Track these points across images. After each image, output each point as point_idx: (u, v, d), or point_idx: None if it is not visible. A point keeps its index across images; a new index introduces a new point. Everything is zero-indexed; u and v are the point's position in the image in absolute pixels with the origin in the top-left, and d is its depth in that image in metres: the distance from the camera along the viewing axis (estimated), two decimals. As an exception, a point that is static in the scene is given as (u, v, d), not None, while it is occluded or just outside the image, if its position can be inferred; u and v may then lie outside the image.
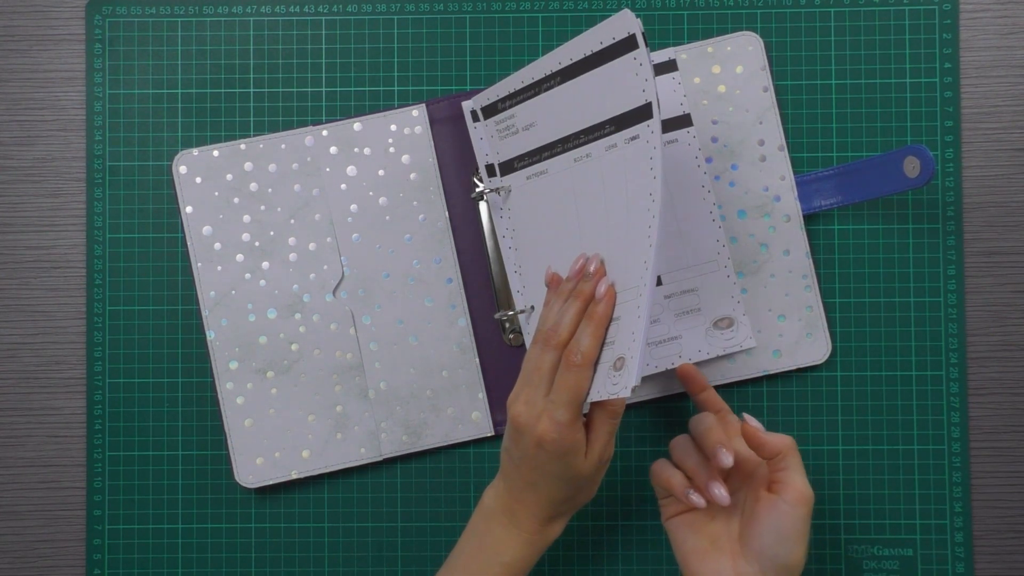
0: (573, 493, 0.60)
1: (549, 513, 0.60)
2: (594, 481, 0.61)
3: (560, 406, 0.57)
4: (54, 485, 0.71)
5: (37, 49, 0.71)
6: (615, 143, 0.60)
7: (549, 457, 0.58)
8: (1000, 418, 0.70)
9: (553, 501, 0.60)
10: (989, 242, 0.70)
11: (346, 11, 0.71)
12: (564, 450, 0.57)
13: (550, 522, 0.61)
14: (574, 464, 0.58)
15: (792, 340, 0.69)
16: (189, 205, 0.70)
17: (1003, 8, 0.71)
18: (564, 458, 0.58)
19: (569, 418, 0.57)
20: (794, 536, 0.59)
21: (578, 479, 0.59)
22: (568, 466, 0.58)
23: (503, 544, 0.60)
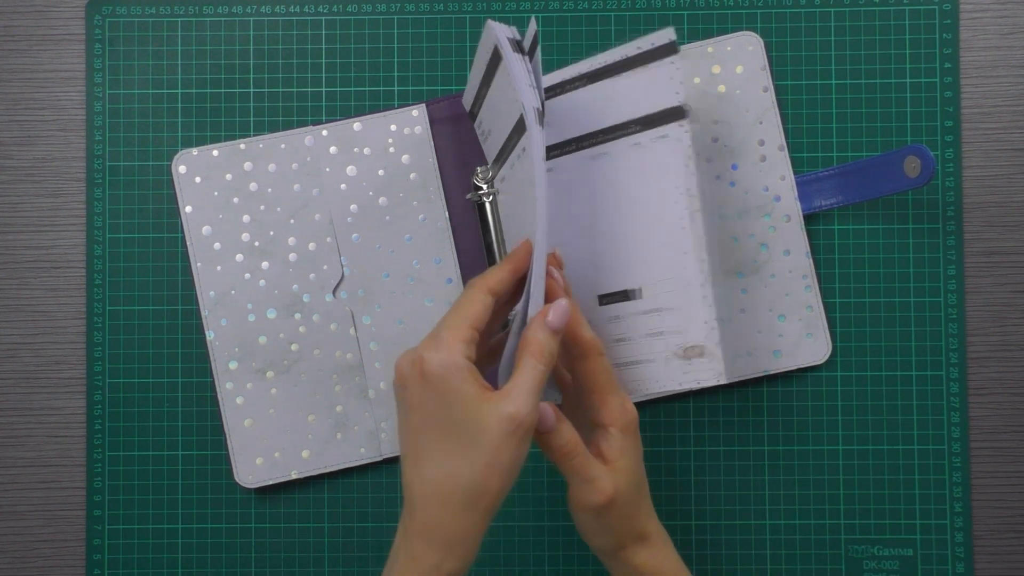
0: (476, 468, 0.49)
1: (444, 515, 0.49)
2: (501, 452, 0.49)
3: (445, 327, 0.50)
4: (54, 485, 0.71)
5: (37, 49, 0.71)
6: (640, 142, 0.60)
7: (436, 393, 0.49)
8: (1000, 418, 0.70)
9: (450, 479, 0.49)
10: (989, 242, 0.70)
11: (346, 11, 0.71)
12: (448, 371, 0.49)
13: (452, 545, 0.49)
14: (466, 399, 0.49)
15: (792, 340, 0.69)
16: (189, 205, 0.70)
17: (1003, 8, 0.71)
18: (452, 386, 0.49)
19: (452, 335, 0.50)
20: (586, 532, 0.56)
21: (475, 435, 0.49)
22: (459, 403, 0.49)
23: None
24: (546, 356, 0.51)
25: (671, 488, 0.70)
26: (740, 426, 0.70)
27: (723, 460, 0.70)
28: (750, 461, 0.70)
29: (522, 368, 0.51)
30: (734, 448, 0.70)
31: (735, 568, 0.70)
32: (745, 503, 0.70)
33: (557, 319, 0.52)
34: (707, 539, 0.70)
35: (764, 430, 0.70)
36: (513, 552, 0.70)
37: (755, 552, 0.70)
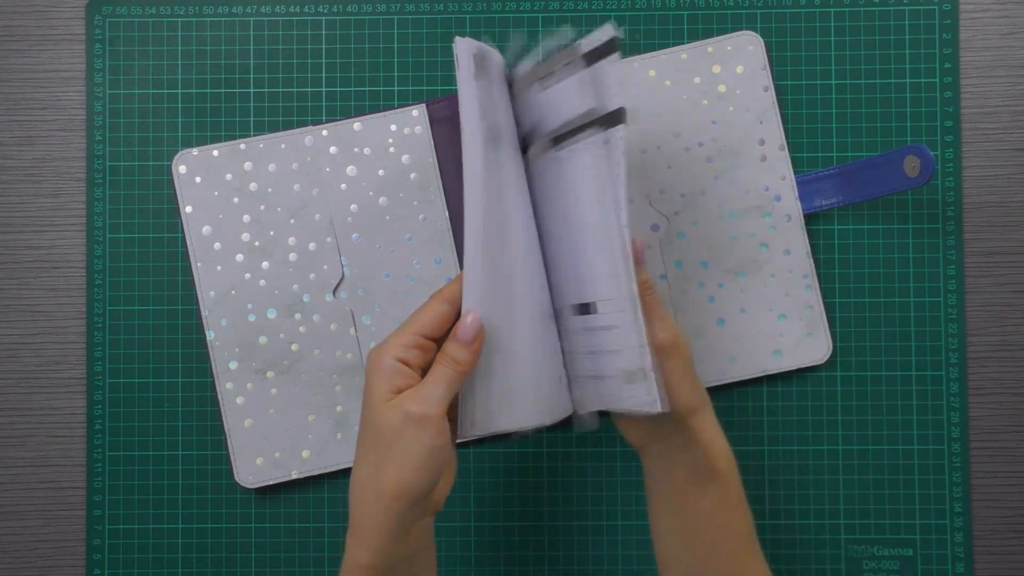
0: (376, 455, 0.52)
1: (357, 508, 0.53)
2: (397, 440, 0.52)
3: (393, 331, 0.55)
4: (54, 485, 0.71)
5: (37, 49, 0.71)
6: (587, 147, 0.58)
7: (365, 391, 0.54)
8: (1000, 418, 0.70)
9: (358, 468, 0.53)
10: (989, 242, 0.70)
11: (346, 11, 0.71)
12: (373, 371, 0.53)
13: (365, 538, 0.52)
14: (377, 395, 0.53)
15: (793, 340, 0.69)
16: (189, 205, 0.70)
17: (1003, 8, 0.71)
18: (371, 384, 0.53)
19: (390, 340, 0.54)
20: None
21: (379, 425, 0.52)
22: (371, 398, 0.53)
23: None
24: (451, 361, 0.54)
25: (671, 488, 0.70)
26: (740, 426, 0.70)
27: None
28: (750, 461, 0.70)
29: (432, 370, 0.54)
30: (734, 448, 0.70)
31: (735, 568, 0.70)
32: (745, 503, 0.70)
33: (467, 334, 0.54)
34: (707, 539, 0.70)
35: (764, 430, 0.70)
36: (513, 552, 0.70)
37: (755, 552, 0.70)
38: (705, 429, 0.58)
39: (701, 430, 0.57)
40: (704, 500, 0.58)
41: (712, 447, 0.58)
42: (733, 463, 0.58)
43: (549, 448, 0.70)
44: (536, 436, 0.70)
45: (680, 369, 0.57)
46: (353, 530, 0.53)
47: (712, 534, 0.58)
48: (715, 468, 0.58)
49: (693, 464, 0.58)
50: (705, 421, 0.58)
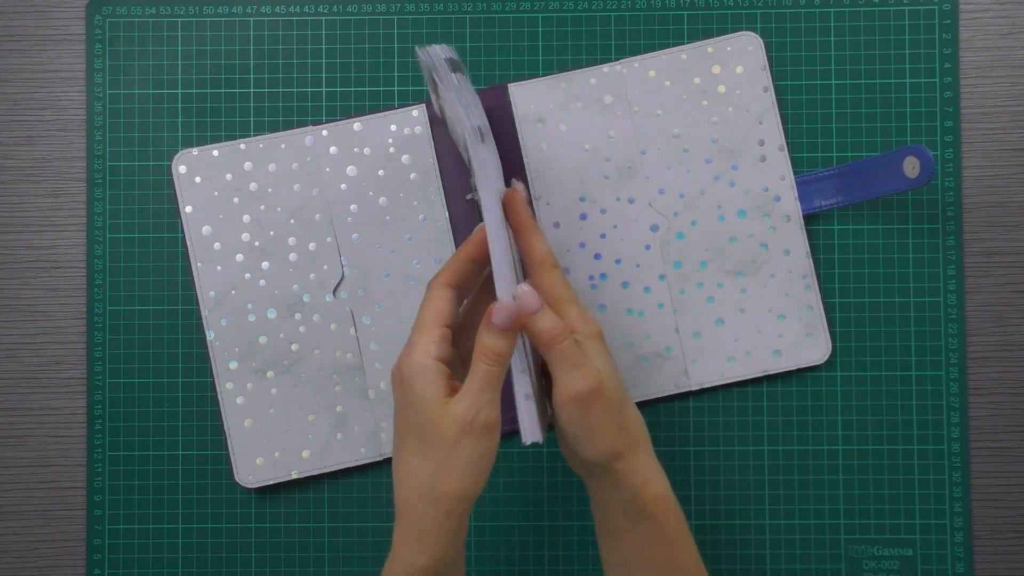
0: (433, 465, 0.52)
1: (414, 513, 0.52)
2: (456, 450, 0.51)
3: (415, 330, 0.53)
4: (54, 485, 0.71)
5: (37, 49, 0.71)
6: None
7: (407, 397, 0.52)
8: (1000, 418, 0.70)
9: (412, 477, 0.52)
10: (989, 242, 0.70)
11: (346, 11, 0.71)
12: (414, 376, 0.52)
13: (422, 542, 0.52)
14: (427, 402, 0.51)
15: (792, 340, 0.69)
16: (189, 205, 0.70)
17: (1003, 8, 0.71)
18: (416, 391, 0.52)
19: (420, 339, 0.53)
20: (578, 435, 0.54)
21: (435, 434, 0.51)
22: (421, 405, 0.52)
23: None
24: (492, 356, 0.52)
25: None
26: (740, 426, 0.70)
27: (723, 460, 0.70)
28: (750, 461, 0.70)
29: (472, 370, 0.52)
30: (734, 448, 0.70)
31: (735, 568, 0.70)
32: (745, 503, 0.70)
33: (500, 319, 0.52)
34: (707, 539, 0.70)
35: (764, 430, 0.70)
36: (513, 552, 0.70)
37: (755, 552, 0.70)
38: (632, 473, 0.55)
39: (627, 474, 0.55)
40: (637, 535, 0.56)
41: (641, 491, 0.55)
42: (667, 502, 0.56)
43: (549, 448, 0.70)
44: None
45: (601, 416, 0.54)
46: (406, 534, 0.53)
47: (653, 567, 0.56)
48: (644, 511, 0.56)
49: (621, 503, 0.56)
50: (633, 464, 0.55)
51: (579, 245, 0.70)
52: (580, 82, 0.70)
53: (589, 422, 0.54)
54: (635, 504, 0.56)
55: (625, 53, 0.71)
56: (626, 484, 0.55)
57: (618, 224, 0.70)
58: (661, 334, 0.70)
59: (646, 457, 0.56)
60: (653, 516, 0.56)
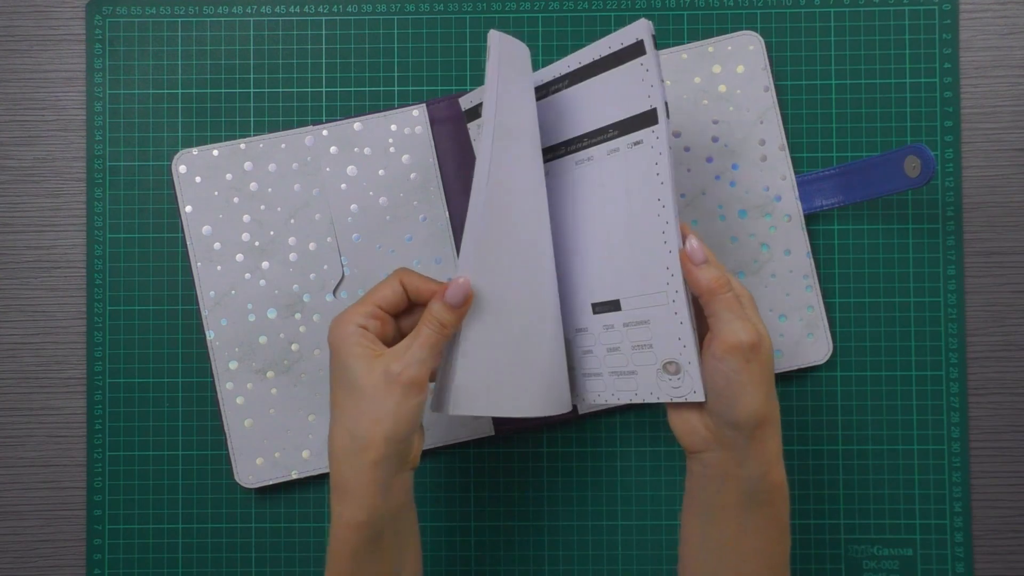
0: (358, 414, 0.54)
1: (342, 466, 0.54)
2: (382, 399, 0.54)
3: (356, 302, 0.57)
4: (54, 485, 0.71)
5: (37, 49, 0.71)
6: (617, 147, 0.59)
7: (333, 358, 0.56)
8: (1000, 418, 0.70)
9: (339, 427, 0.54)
10: (989, 242, 0.70)
11: (346, 11, 0.71)
12: (340, 339, 0.55)
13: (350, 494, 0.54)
14: (353, 358, 0.54)
15: (793, 340, 0.69)
16: (189, 205, 0.70)
17: (1003, 8, 0.71)
18: (341, 350, 0.55)
19: (350, 310, 0.56)
20: (730, 390, 0.54)
21: (360, 385, 0.54)
22: (347, 361, 0.54)
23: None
24: (436, 324, 0.55)
25: (671, 488, 0.70)
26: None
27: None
28: (750, 461, 0.70)
29: (415, 331, 0.55)
30: (734, 448, 0.70)
31: (735, 568, 0.70)
32: (745, 503, 0.70)
33: (454, 297, 0.55)
34: (707, 539, 0.70)
35: (764, 430, 0.70)
36: (513, 552, 0.70)
37: (755, 552, 0.70)
38: (769, 445, 0.55)
39: (765, 445, 0.55)
40: (749, 520, 0.56)
41: (770, 471, 0.55)
42: (785, 491, 0.56)
43: (549, 448, 0.70)
44: (536, 436, 0.70)
45: (757, 374, 0.54)
46: (338, 492, 0.55)
47: (748, 555, 0.56)
48: (771, 490, 0.55)
49: (746, 481, 0.55)
50: (772, 436, 0.55)
51: (579, 245, 0.70)
52: (580, 82, 0.70)
53: (747, 376, 0.54)
54: (762, 483, 0.55)
55: (625, 53, 0.71)
56: (760, 458, 0.55)
57: (618, 224, 0.70)
58: (661, 334, 0.70)
59: (779, 437, 0.56)
60: (772, 502, 0.56)
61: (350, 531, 0.54)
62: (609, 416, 0.70)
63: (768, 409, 0.55)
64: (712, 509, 0.57)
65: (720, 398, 0.55)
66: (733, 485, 0.56)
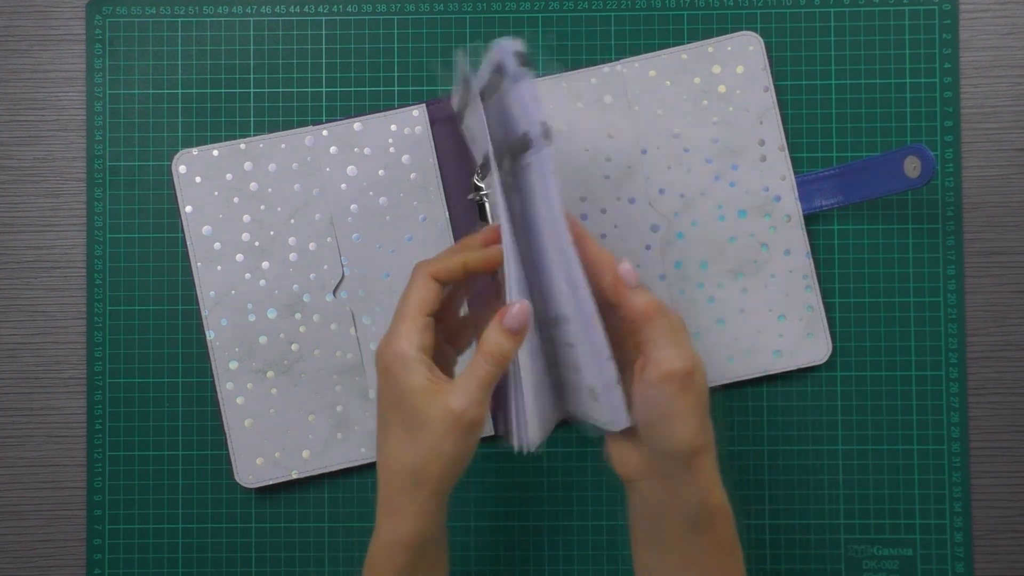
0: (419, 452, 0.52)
1: (396, 492, 0.53)
2: (443, 442, 0.52)
3: (397, 317, 0.54)
4: (54, 485, 0.71)
5: (37, 49, 0.71)
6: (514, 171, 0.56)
7: (389, 383, 0.53)
8: (1000, 418, 0.70)
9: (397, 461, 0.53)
10: (989, 242, 0.70)
11: (346, 11, 0.71)
12: (396, 363, 0.52)
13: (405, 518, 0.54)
14: (411, 390, 0.52)
15: (793, 340, 0.69)
16: (189, 205, 0.70)
17: (1003, 8, 0.71)
18: (399, 378, 0.52)
19: (402, 328, 0.53)
20: (665, 419, 0.52)
21: (420, 422, 0.52)
22: (405, 392, 0.52)
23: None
24: (497, 357, 0.53)
25: (671, 488, 0.70)
26: (740, 426, 0.70)
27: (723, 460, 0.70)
28: (750, 461, 0.70)
29: (472, 365, 0.53)
30: (734, 448, 0.70)
31: (735, 568, 0.70)
32: (745, 503, 0.70)
33: (513, 322, 0.53)
34: (707, 539, 0.70)
35: (764, 430, 0.70)
36: (513, 552, 0.70)
37: (755, 552, 0.70)
38: (706, 474, 0.54)
39: (701, 474, 0.53)
40: (693, 547, 0.55)
41: (709, 497, 0.54)
42: (727, 512, 0.55)
43: (549, 448, 0.70)
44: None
45: (690, 402, 0.52)
46: (390, 512, 0.54)
47: (702, 574, 0.55)
48: (712, 515, 0.54)
49: (686, 508, 0.54)
50: (709, 464, 0.54)
51: (579, 245, 0.69)
52: (580, 82, 0.70)
53: (682, 405, 0.52)
54: (702, 510, 0.54)
55: (625, 53, 0.71)
56: (697, 485, 0.53)
57: (618, 224, 0.70)
58: (661, 334, 0.69)
59: (715, 462, 0.55)
60: (714, 527, 0.55)
61: (398, 549, 0.54)
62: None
63: (704, 437, 0.53)
64: (656, 538, 0.56)
65: (654, 427, 0.53)
66: (673, 514, 0.55)
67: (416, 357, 0.53)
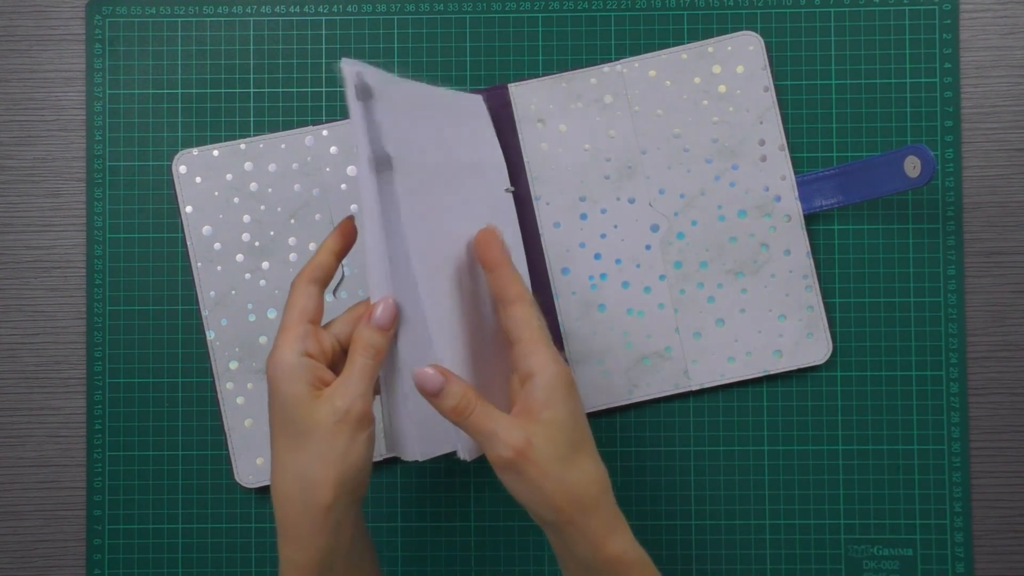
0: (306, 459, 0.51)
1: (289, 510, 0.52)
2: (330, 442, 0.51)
3: (280, 329, 0.53)
4: (54, 485, 0.71)
5: (37, 49, 0.71)
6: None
7: (272, 394, 0.52)
8: (1000, 418, 0.70)
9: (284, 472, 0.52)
10: (989, 242, 0.70)
11: (346, 11, 0.71)
12: (278, 373, 0.51)
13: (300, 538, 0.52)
14: (294, 398, 0.51)
15: (793, 340, 0.69)
16: (189, 205, 0.70)
17: (1003, 8, 0.71)
18: (281, 387, 0.51)
19: (283, 338, 0.52)
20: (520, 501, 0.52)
21: (306, 428, 0.51)
22: (288, 401, 0.51)
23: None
24: (370, 351, 0.53)
25: (671, 488, 0.70)
26: (740, 426, 0.70)
27: (723, 460, 0.70)
28: (750, 461, 0.70)
29: (348, 361, 0.53)
30: (734, 448, 0.70)
31: (735, 568, 0.70)
32: (745, 503, 0.70)
33: (382, 318, 0.53)
34: (707, 539, 0.70)
35: (764, 430, 0.70)
36: (513, 552, 0.70)
37: (755, 552, 0.70)
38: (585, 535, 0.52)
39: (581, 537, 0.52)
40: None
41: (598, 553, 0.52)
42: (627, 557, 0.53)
43: (549, 448, 0.70)
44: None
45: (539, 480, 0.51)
46: (285, 536, 0.52)
47: None
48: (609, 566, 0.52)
49: (580, 559, 0.53)
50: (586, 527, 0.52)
51: (579, 245, 0.70)
52: (580, 82, 0.70)
53: (526, 487, 0.51)
54: (596, 563, 0.52)
55: (625, 53, 0.71)
56: (580, 545, 0.52)
57: (618, 224, 0.70)
58: (661, 334, 0.70)
59: (604, 515, 0.53)
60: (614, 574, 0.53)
61: (298, 573, 0.52)
62: (609, 416, 0.70)
63: (569, 508, 0.51)
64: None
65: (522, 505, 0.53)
66: (569, 563, 0.54)
67: (297, 363, 0.52)
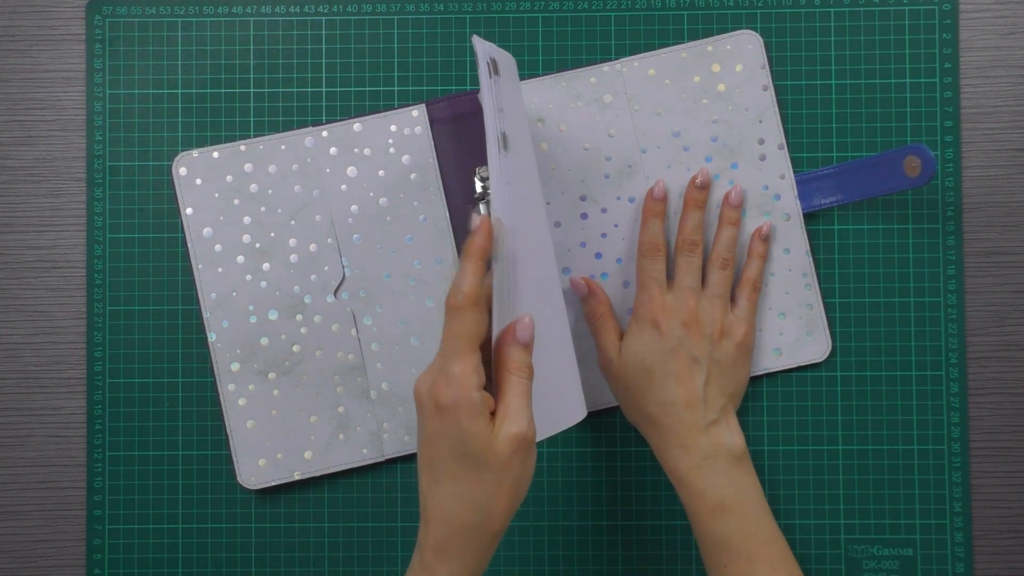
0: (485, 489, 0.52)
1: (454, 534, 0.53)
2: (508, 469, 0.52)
3: (449, 357, 0.51)
4: (54, 485, 0.71)
5: (37, 49, 0.71)
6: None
7: (448, 426, 0.51)
8: (1000, 418, 0.70)
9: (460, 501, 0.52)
10: (989, 242, 0.70)
11: (346, 11, 0.71)
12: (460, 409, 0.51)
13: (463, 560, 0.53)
14: (477, 435, 0.51)
15: (792, 338, 0.70)
16: (189, 207, 0.70)
17: (1003, 8, 0.71)
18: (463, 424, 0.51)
19: (461, 369, 0.51)
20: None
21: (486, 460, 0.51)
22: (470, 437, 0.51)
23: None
24: (526, 370, 0.53)
25: (671, 487, 0.70)
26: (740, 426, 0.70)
27: (723, 460, 0.70)
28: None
29: (510, 385, 0.53)
30: (734, 448, 0.70)
31: (735, 567, 0.70)
32: (745, 503, 0.70)
33: (526, 335, 0.54)
34: (707, 538, 0.70)
35: (764, 429, 0.70)
36: (513, 552, 0.70)
37: (755, 551, 0.70)
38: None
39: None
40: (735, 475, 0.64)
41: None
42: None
43: (549, 448, 0.70)
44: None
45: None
46: (446, 552, 0.53)
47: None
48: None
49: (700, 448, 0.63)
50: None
51: (580, 245, 0.70)
52: (580, 81, 0.70)
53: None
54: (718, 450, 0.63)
55: (625, 53, 0.71)
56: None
57: (619, 223, 0.70)
58: (662, 334, 0.70)
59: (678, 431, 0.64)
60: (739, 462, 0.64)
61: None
62: (609, 416, 0.70)
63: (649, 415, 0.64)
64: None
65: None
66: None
67: (479, 399, 0.51)
